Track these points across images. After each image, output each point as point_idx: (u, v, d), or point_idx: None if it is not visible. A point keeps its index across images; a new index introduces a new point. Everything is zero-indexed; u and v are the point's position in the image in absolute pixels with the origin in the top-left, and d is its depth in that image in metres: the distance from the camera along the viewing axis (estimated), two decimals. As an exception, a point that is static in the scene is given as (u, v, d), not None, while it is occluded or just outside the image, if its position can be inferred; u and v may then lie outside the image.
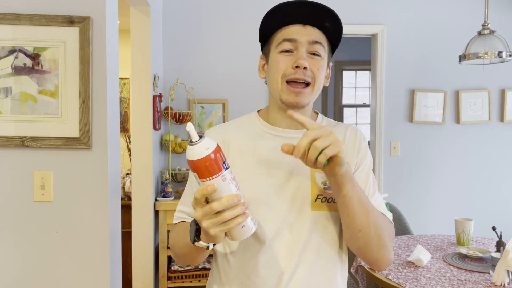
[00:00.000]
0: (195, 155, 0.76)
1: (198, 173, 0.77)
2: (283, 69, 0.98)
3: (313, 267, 0.99)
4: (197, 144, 0.77)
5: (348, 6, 3.43)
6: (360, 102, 5.91)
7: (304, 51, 0.97)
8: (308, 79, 0.97)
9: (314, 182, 0.99)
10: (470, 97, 3.56)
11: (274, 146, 1.00)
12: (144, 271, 2.91)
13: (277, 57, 0.99)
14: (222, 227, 0.78)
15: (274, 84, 1.00)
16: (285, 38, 0.98)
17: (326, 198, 0.99)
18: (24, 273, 1.57)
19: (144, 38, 2.81)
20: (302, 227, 0.98)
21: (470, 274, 1.89)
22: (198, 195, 0.77)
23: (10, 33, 1.52)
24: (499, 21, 3.41)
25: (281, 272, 0.97)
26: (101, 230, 1.59)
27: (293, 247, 0.98)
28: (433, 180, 3.59)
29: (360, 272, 2.11)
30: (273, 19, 1.00)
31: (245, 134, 1.06)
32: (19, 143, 1.53)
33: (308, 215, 0.98)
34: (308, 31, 0.98)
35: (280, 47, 0.99)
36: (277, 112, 1.04)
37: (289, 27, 0.99)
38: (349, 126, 1.10)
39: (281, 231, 0.98)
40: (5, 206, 1.55)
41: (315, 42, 0.98)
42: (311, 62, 0.97)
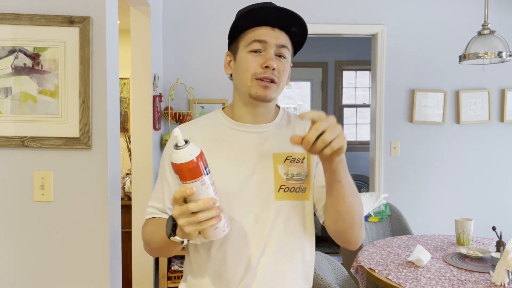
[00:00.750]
0: (179, 159, 0.82)
1: (180, 176, 0.84)
2: (253, 68, 1.04)
3: (278, 253, 1.06)
4: (183, 148, 0.82)
5: (348, 6, 3.43)
6: (360, 102, 5.91)
7: (273, 53, 1.04)
8: (275, 78, 1.04)
9: (277, 174, 1.07)
10: (470, 97, 3.55)
11: (239, 141, 1.09)
12: (144, 271, 2.91)
13: (247, 56, 1.05)
14: (196, 227, 0.84)
15: (243, 80, 1.06)
16: (255, 39, 1.04)
17: (289, 188, 1.07)
18: (24, 273, 1.57)
19: (144, 38, 2.81)
20: (267, 216, 1.06)
21: (470, 274, 1.89)
22: (177, 196, 0.83)
23: (10, 33, 1.52)
24: (499, 21, 3.40)
25: (249, 259, 1.05)
26: (101, 230, 1.58)
27: (259, 235, 1.05)
28: (433, 180, 3.59)
29: (360, 272, 2.11)
30: (244, 20, 1.06)
31: (211, 131, 1.12)
32: (19, 143, 1.53)
33: (272, 205, 1.06)
34: (276, 34, 1.05)
35: (250, 47, 1.05)
36: (241, 108, 1.11)
37: (259, 29, 1.05)
38: None
39: (247, 221, 1.05)
40: (5, 206, 1.55)
41: (282, 46, 1.05)
42: (278, 63, 1.04)
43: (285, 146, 1.08)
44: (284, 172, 1.08)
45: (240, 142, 1.09)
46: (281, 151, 1.09)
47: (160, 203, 1.10)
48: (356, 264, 2.11)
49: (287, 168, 1.07)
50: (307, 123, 1.09)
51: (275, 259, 1.06)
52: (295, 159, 1.09)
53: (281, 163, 1.08)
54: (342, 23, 3.43)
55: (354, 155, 5.57)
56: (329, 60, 5.57)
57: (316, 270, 1.80)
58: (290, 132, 1.12)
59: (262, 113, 1.11)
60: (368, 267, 2.00)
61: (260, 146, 1.09)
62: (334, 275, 2.11)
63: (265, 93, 1.05)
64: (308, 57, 5.47)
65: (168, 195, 1.09)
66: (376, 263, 2.05)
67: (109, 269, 1.59)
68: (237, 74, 1.09)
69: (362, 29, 3.48)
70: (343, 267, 2.22)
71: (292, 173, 1.08)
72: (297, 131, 1.13)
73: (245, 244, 1.05)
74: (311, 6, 3.40)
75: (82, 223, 1.58)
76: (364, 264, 2.04)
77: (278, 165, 1.08)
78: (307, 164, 1.11)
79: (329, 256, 2.16)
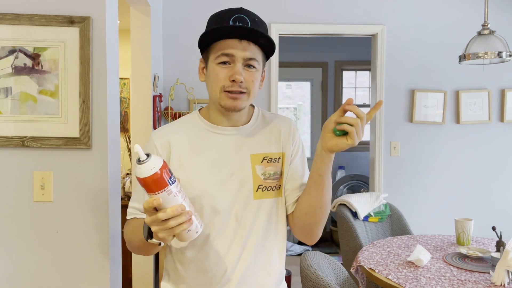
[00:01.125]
0: (142, 173, 0.86)
1: (146, 189, 0.88)
2: (222, 81, 1.08)
3: (258, 248, 1.13)
4: (145, 163, 0.87)
5: (348, 6, 3.43)
6: (360, 102, 5.91)
7: (240, 66, 1.07)
8: (243, 90, 1.08)
9: (255, 174, 1.12)
10: (470, 97, 3.55)
11: (217, 144, 1.14)
12: (144, 271, 2.91)
13: (216, 69, 1.09)
14: (168, 232, 0.90)
15: (213, 92, 1.10)
16: (223, 52, 1.07)
17: (266, 187, 1.13)
18: (24, 273, 1.57)
19: (144, 38, 2.81)
20: (247, 215, 1.12)
21: (470, 274, 1.89)
22: (146, 206, 0.88)
23: (10, 33, 1.52)
24: (499, 21, 3.40)
25: (231, 255, 1.11)
26: (101, 230, 1.58)
27: (240, 233, 1.11)
28: (433, 180, 3.59)
29: (360, 272, 2.11)
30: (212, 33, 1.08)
31: (189, 134, 1.15)
32: (19, 143, 1.53)
33: (252, 204, 1.12)
34: (243, 46, 1.07)
35: (218, 59, 1.08)
36: (217, 113, 1.15)
37: (226, 41, 1.07)
38: (284, 118, 1.23)
39: (228, 221, 1.11)
40: (5, 206, 1.55)
41: (249, 58, 1.08)
42: (247, 74, 1.08)
43: (262, 147, 1.15)
44: (262, 173, 1.13)
45: (218, 145, 1.13)
46: (258, 152, 1.14)
47: (140, 204, 1.12)
48: (356, 264, 2.11)
49: (265, 168, 1.13)
50: (282, 122, 1.21)
51: (256, 254, 1.13)
52: (271, 159, 1.15)
53: (259, 163, 1.13)
54: (342, 23, 3.43)
55: (354, 155, 5.57)
56: (329, 60, 5.57)
57: (316, 270, 1.80)
58: (266, 132, 1.18)
59: (236, 117, 1.16)
60: (368, 267, 2.00)
61: (238, 148, 1.14)
62: (334, 275, 2.11)
63: (234, 104, 1.09)
64: (308, 57, 5.47)
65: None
66: (376, 263, 2.05)
67: (109, 269, 1.59)
68: (208, 83, 1.13)
69: (362, 29, 3.48)
70: (343, 267, 2.22)
71: (269, 172, 1.14)
72: (273, 131, 1.19)
73: (227, 242, 1.11)
74: (311, 6, 3.40)
75: (82, 223, 1.58)
76: (364, 264, 2.05)
77: (256, 165, 1.13)
78: (282, 163, 1.17)
79: (329, 256, 2.16)
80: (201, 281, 1.14)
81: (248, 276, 1.13)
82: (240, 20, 1.07)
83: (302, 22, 3.41)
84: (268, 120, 1.21)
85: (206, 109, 1.19)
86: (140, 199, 1.13)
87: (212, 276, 1.12)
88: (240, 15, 1.08)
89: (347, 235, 2.68)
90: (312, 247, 4.86)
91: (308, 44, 5.32)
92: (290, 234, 4.98)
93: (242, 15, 1.08)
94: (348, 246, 2.66)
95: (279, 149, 1.17)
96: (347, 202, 2.83)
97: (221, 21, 1.08)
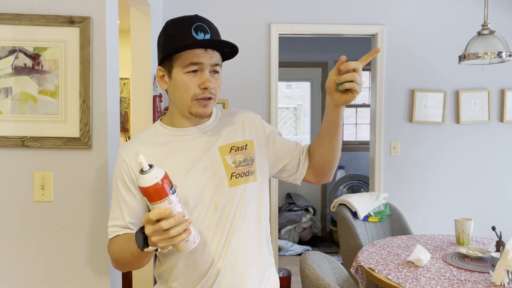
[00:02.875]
0: (146, 183, 0.90)
1: (148, 198, 0.92)
2: (192, 90, 1.13)
3: (240, 234, 1.17)
4: (148, 173, 0.91)
5: (348, 6, 3.43)
6: (360, 102, 5.91)
7: (207, 73, 1.13)
8: (212, 96, 1.15)
9: (226, 163, 1.18)
10: (470, 97, 3.56)
11: (184, 145, 1.18)
12: (144, 271, 2.91)
13: (184, 78, 1.13)
14: (169, 242, 0.94)
15: (183, 101, 1.15)
16: (191, 61, 1.12)
17: (239, 173, 1.19)
18: (24, 273, 1.57)
19: (144, 38, 2.81)
20: (225, 203, 1.16)
21: (470, 274, 1.89)
22: (153, 217, 0.91)
23: (10, 33, 1.52)
24: (499, 21, 3.40)
25: (215, 245, 1.15)
26: (101, 230, 1.58)
27: (221, 222, 1.16)
28: (433, 180, 3.59)
29: (360, 272, 2.11)
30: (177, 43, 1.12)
31: (156, 143, 1.19)
32: (19, 143, 1.53)
33: (228, 192, 1.17)
34: (209, 54, 1.13)
35: (187, 69, 1.12)
36: (181, 118, 1.20)
37: (193, 51, 1.12)
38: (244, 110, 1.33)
39: (209, 212, 1.15)
40: (5, 206, 1.55)
41: (215, 64, 1.15)
42: (213, 80, 1.14)
43: (227, 138, 1.22)
44: (232, 161, 1.19)
45: (185, 146, 1.18)
46: (224, 144, 1.21)
47: (120, 220, 1.16)
48: (356, 264, 2.11)
49: (234, 157, 1.19)
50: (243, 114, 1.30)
51: (239, 240, 1.17)
52: (238, 147, 1.22)
53: (227, 153, 1.19)
54: (342, 23, 3.43)
55: (354, 155, 5.57)
56: (329, 60, 5.57)
57: (316, 270, 1.80)
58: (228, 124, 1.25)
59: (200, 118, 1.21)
60: (368, 267, 2.00)
61: (205, 145, 1.19)
62: (334, 275, 2.11)
63: (204, 111, 1.15)
64: (308, 57, 5.48)
65: (126, 210, 1.15)
66: (376, 263, 2.05)
67: (109, 269, 1.59)
68: (175, 93, 1.16)
69: (362, 29, 3.48)
70: (343, 267, 2.22)
71: (239, 160, 1.20)
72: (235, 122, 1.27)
73: (210, 233, 1.15)
74: (311, 6, 3.41)
75: (82, 223, 1.58)
76: (364, 264, 2.05)
77: (225, 156, 1.19)
78: (250, 149, 1.23)
79: (329, 256, 2.16)
80: (192, 277, 1.17)
81: (233, 263, 1.16)
82: (200, 29, 1.13)
83: (302, 22, 3.41)
84: (228, 114, 1.29)
85: (168, 117, 1.24)
86: (119, 216, 1.16)
87: (201, 269, 1.15)
88: (200, 24, 1.14)
89: (347, 235, 2.68)
90: (312, 247, 4.87)
91: (308, 44, 5.32)
92: (290, 235, 4.98)
93: (201, 23, 1.14)
94: (348, 246, 2.66)
95: (244, 137, 1.24)
96: (347, 202, 2.83)
97: (182, 30, 1.13)
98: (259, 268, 1.23)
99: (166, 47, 1.14)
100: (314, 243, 5.03)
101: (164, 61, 1.17)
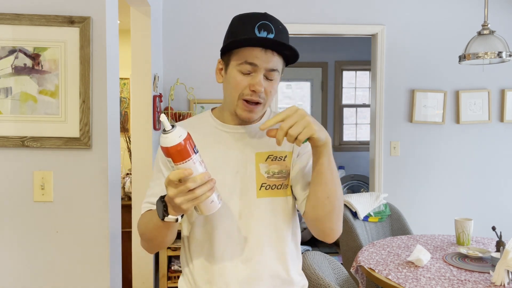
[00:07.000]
0: (169, 142, 0.87)
1: (172, 158, 0.88)
2: (241, 89, 1.07)
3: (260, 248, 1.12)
4: (171, 132, 0.87)
5: (348, 6, 3.43)
6: (360, 102, 5.91)
7: (262, 76, 1.06)
8: (261, 100, 1.08)
9: (259, 172, 1.12)
10: (470, 97, 3.55)
11: (224, 141, 1.15)
12: (144, 271, 2.91)
13: (236, 76, 1.08)
14: (194, 202, 0.90)
15: (231, 97, 1.10)
16: (246, 60, 1.06)
17: (270, 185, 1.13)
18: (24, 273, 1.57)
19: (144, 38, 2.81)
20: (250, 213, 1.11)
21: (470, 274, 1.89)
22: (174, 178, 0.87)
23: (10, 33, 1.52)
24: (499, 21, 3.40)
25: (234, 253, 1.11)
26: (101, 230, 1.59)
27: (244, 231, 1.11)
28: (433, 180, 3.59)
29: (360, 272, 2.11)
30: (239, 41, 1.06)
31: (199, 130, 1.15)
32: (19, 143, 1.53)
33: (255, 202, 1.11)
34: (268, 57, 1.05)
35: (240, 67, 1.07)
36: (229, 114, 1.15)
37: (251, 49, 1.05)
38: None
39: (232, 218, 1.11)
40: (5, 206, 1.55)
41: (272, 70, 1.07)
42: (266, 84, 1.07)
43: (268, 145, 1.14)
44: (266, 171, 1.13)
45: (224, 142, 1.14)
46: (263, 150, 1.14)
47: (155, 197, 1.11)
48: (356, 264, 2.11)
49: (269, 167, 1.13)
50: None
51: (257, 255, 1.12)
52: (276, 157, 1.14)
53: (263, 161, 1.13)
54: (342, 23, 3.43)
55: (354, 155, 5.57)
56: (329, 60, 5.57)
57: (316, 270, 1.80)
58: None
59: None
60: (368, 267, 2.00)
61: (244, 146, 1.14)
62: (334, 275, 2.11)
63: (249, 116, 1.10)
64: (308, 57, 5.48)
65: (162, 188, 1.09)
66: (376, 263, 2.05)
67: (109, 269, 1.59)
68: (226, 87, 1.13)
69: (362, 29, 3.48)
70: (343, 267, 2.22)
71: (273, 171, 1.13)
72: None
73: (230, 239, 1.11)
74: (311, 6, 3.40)
75: (82, 223, 1.58)
76: (364, 264, 2.05)
77: (260, 164, 1.13)
78: (288, 161, 1.15)
79: (329, 256, 2.16)
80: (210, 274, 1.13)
81: (253, 273, 1.12)
82: (265, 28, 1.05)
83: (302, 22, 3.41)
84: None
85: (219, 109, 1.20)
86: (157, 193, 1.10)
87: (219, 273, 1.12)
88: (265, 22, 1.06)
89: (347, 235, 2.68)
90: (312, 247, 4.87)
91: (308, 44, 5.32)
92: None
93: (267, 22, 1.06)
94: (348, 246, 2.66)
95: (284, 148, 1.15)
96: (347, 202, 2.83)
97: (245, 26, 1.06)
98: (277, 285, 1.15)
99: (225, 41, 1.10)
100: (314, 243, 5.02)
101: (224, 55, 1.12)
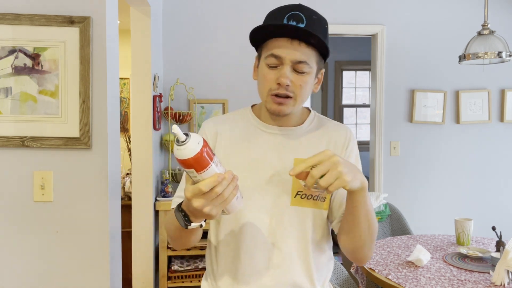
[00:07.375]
0: (188, 153, 0.80)
1: (195, 168, 0.81)
2: (269, 84, 1.03)
3: (287, 258, 1.06)
4: (188, 142, 0.80)
5: (348, 6, 3.43)
6: (360, 102, 5.91)
7: (288, 68, 1.01)
8: (290, 94, 1.03)
9: (296, 180, 1.05)
10: (470, 97, 3.56)
11: (263, 142, 1.10)
12: (144, 271, 2.91)
13: (264, 70, 1.04)
14: (222, 206, 0.86)
15: (262, 93, 1.07)
16: (272, 53, 1.01)
17: (306, 195, 1.06)
18: (24, 273, 1.57)
19: (144, 38, 2.81)
20: (281, 220, 1.06)
21: (470, 274, 1.89)
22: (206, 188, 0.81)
23: (10, 33, 1.52)
24: (499, 21, 3.40)
25: (260, 259, 1.06)
26: (101, 230, 1.59)
27: (271, 237, 1.06)
28: (433, 180, 3.59)
29: (360, 272, 2.11)
30: (260, 32, 1.02)
31: (237, 127, 1.13)
32: (19, 143, 1.53)
33: (287, 210, 1.06)
34: (294, 47, 1.00)
35: (267, 60, 1.03)
36: (266, 112, 1.11)
37: (277, 40, 1.01)
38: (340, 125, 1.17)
39: (263, 222, 1.06)
40: (5, 206, 1.55)
41: (299, 62, 1.01)
42: (295, 78, 1.02)
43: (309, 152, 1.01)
44: None
45: (264, 143, 1.10)
46: (303, 157, 1.05)
47: None
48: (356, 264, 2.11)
49: None
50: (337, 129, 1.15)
51: (285, 262, 1.06)
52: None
53: None
54: (342, 23, 3.43)
55: (354, 155, 5.56)
56: (329, 60, 5.56)
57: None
58: (316, 137, 1.12)
59: (285, 119, 1.11)
60: (368, 267, 2.00)
61: (282, 149, 1.09)
62: (334, 275, 2.11)
63: (279, 109, 1.04)
64: (308, 57, 5.47)
65: None
66: (376, 263, 2.05)
67: (109, 269, 1.59)
68: (258, 84, 1.09)
69: (362, 29, 3.48)
70: (343, 267, 2.22)
71: None
72: (324, 137, 1.12)
73: (257, 245, 1.06)
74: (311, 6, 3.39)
75: (82, 223, 1.58)
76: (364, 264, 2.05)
77: None
78: None
79: (329, 256, 2.16)
80: (234, 278, 1.09)
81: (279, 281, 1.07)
82: (294, 17, 0.99)
83: (302, 22, 3.41)
84: (322, 126, 1.15)
85: (258, 106, 1.16)
86: None
87: (242, 279, 1.08)
88: (295, 13, 1.00)
89: (347, 235, 2.67)
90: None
91: (308, 44, 5.31)
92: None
93: (297, 12, 1.00)
94: (348, 246, 2.66)
95: None
96: (347, 202, 2.82)
97: (275, 18, 1.02)
98: None
99: (250, 35, 1.04)
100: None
101: (257, 49, 1.09)
